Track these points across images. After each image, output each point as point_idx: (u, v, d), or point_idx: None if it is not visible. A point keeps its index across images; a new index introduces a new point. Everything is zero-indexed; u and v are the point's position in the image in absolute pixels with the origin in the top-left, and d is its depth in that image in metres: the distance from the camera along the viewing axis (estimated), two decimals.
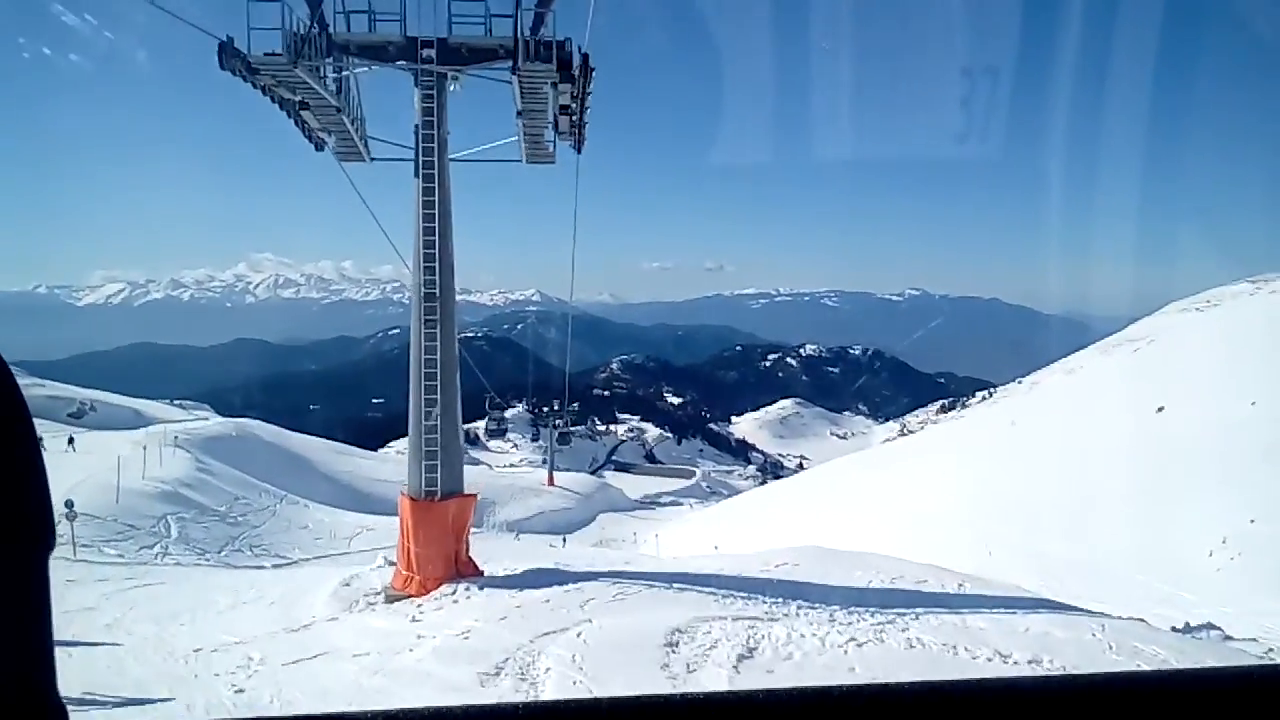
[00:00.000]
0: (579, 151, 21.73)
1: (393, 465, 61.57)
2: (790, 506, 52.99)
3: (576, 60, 18.21)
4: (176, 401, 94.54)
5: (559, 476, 69.13)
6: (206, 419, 69.25)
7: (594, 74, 18.56)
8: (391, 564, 20.06)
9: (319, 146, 22.68)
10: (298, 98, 19.25)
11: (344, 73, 20.46)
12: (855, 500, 45.89)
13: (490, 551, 34.95)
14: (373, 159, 23.26)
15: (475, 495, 21.51)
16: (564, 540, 44.42)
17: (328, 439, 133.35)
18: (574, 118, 19.75)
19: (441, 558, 18.62)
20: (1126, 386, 41.85)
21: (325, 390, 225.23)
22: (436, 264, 19.90)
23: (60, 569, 22.50)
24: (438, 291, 20.06)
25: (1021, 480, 34.08)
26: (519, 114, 19.95)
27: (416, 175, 19.70)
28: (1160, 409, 31.16)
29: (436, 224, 19.81)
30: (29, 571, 1.18)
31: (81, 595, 19.04)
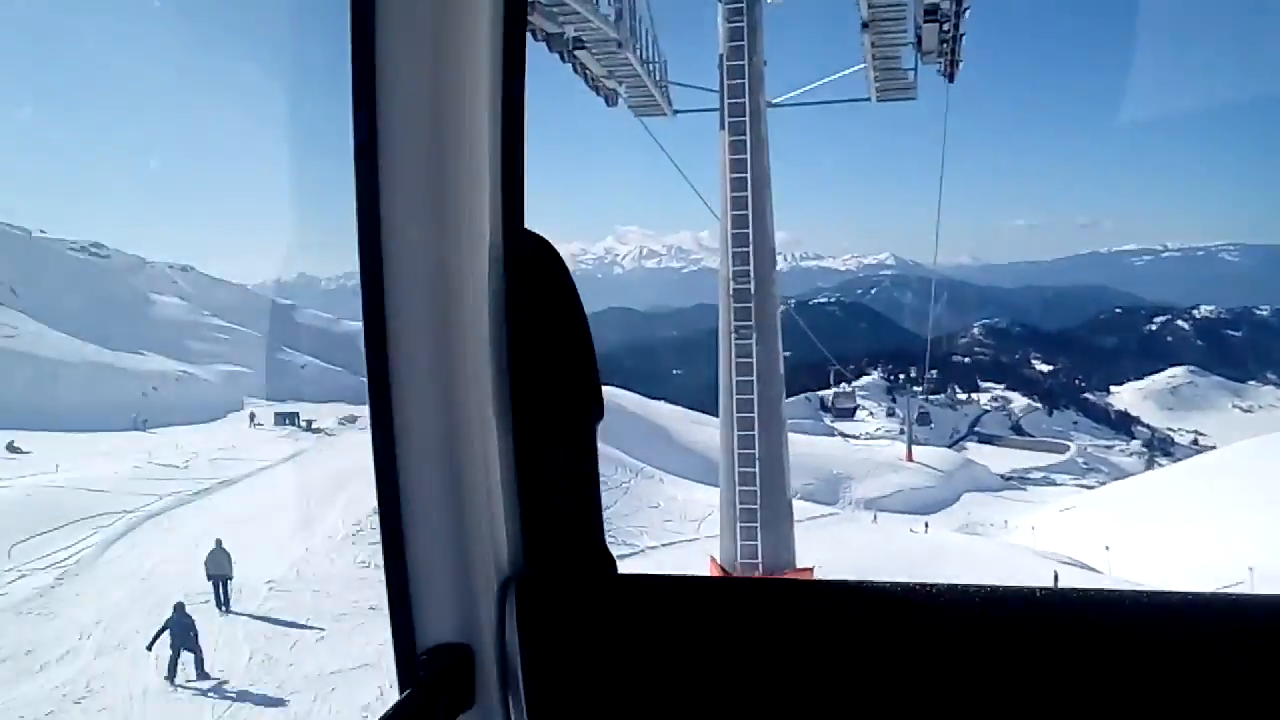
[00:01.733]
0: (951, 79, 15.35)
1: None
2: (1196, 500, 46.95)
3: None
4: None
5: (918, 451, 67.39)
6: None
7: None
8: None
9: (610, 100, 18.57)
10: (569, 33, 15.10)
11: None
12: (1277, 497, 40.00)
13: (845, 537, 34.94)
14: (675, 111, 19.24)
15: (811, 569, 16.77)
16: (926, 526, 43.08)
17: (686, 406, 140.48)
18: (946, 28, 13.50)
19: None
20: None
21: (686, 355, 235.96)
22: (750, 248, 15.77)
23: None
24: (751, 286, 15.91)
25: None
26: (864, 27, 13.79)
27: (722, 126, 15.27)
28: None
29: (750, 192, 15.40)
30: (589, 440, 1.49)
31: None
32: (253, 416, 76.75)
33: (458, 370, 1.33)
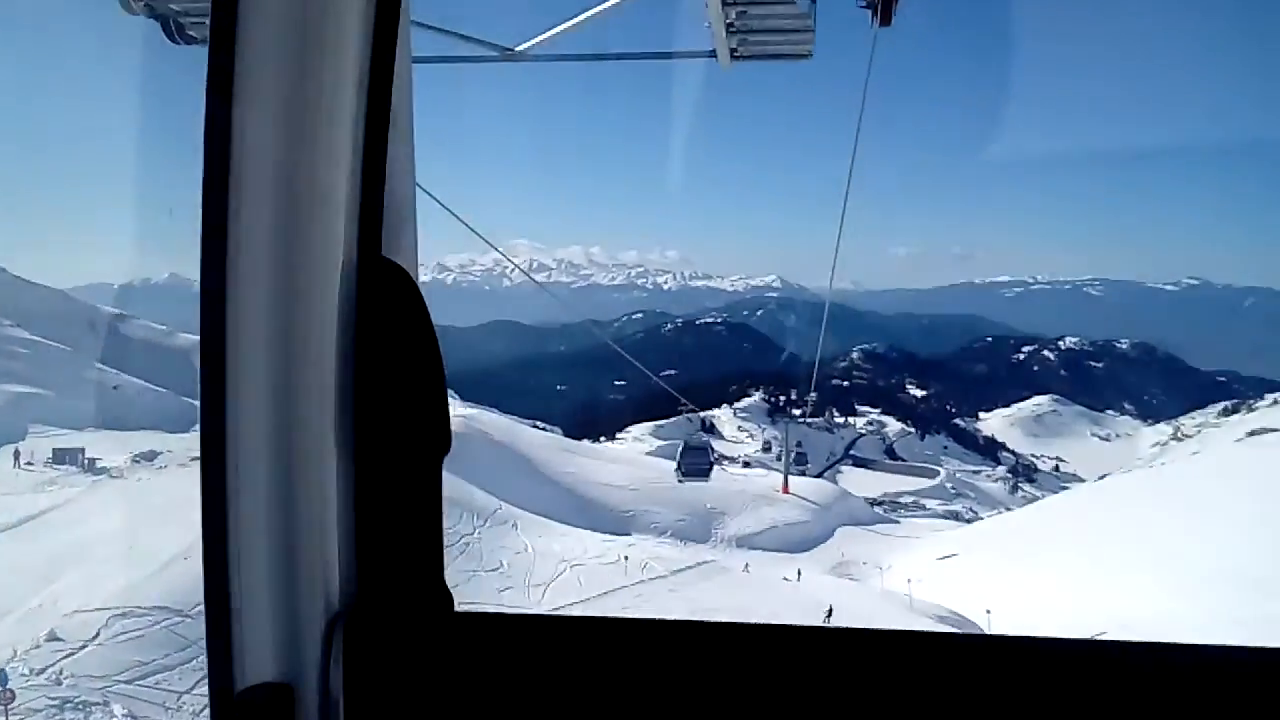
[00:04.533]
0: (886, 19, 9.12)
1: (622, 467, 60.89)
2: (1065, 545, 47.43)
3: None
4: None
5: (794, 482, 66.92)
6: None
7: None
8: None
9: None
10: None
11: None
12: (1146, 540, 40.54)
13: (711, 601, 32.54)
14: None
15: None
16: (799, 574, 42.16)
17: (564, 428, 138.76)
18: None
19: None
20: None
21: (573, 371, 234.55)
22: None
23: None
24: None
25: None
26: None
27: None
28: None
29: None
30: (434, 473, 1.44)
31: None
32: (17, 454, 61.13)
33: (298, 398, 1.30)
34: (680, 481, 31.04)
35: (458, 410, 64.29)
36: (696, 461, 30.97)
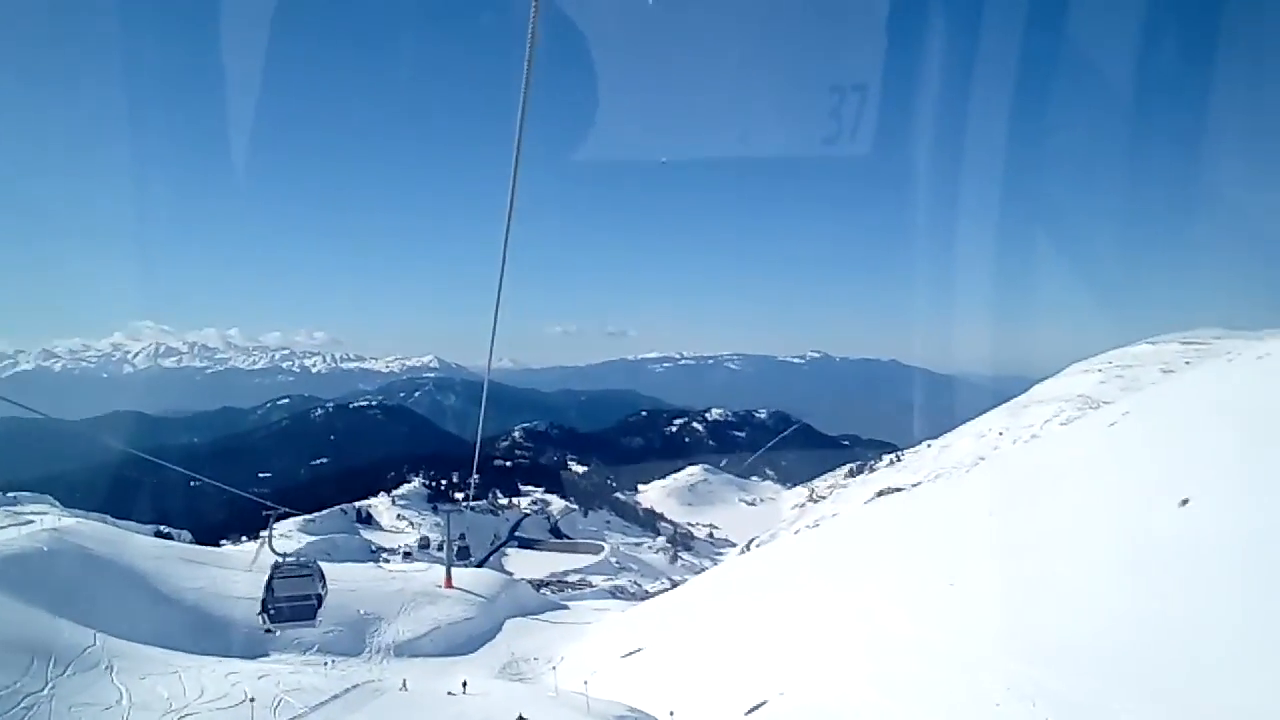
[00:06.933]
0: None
1: (261, 574, 52.03)
2: (727, 615, 45.86)
3: None
4: (9, 494, 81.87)
5: (458, 575, 60.81)
6: (31, 520, 54.29)
7: None
8: None
9: None
10: None
11: None
12: (803, 608, 39.31)
13: None
14: None
15: None
16: (464, 685, 35.88)
17: (196, 531, 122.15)
18: None
19: None
20: (1102, 464, 36.78)
21: (207, 466, 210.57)
22: None
23: None
24: None
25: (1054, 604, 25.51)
26: None
27: None
28: (1185, 501, 25.75)
29: None
30: None
31: None
32: None
33: None
34: (267, 631, 21.59)
35: (47, 523, 51.31)
36: (292, 599, 20.43)
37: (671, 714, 30.36)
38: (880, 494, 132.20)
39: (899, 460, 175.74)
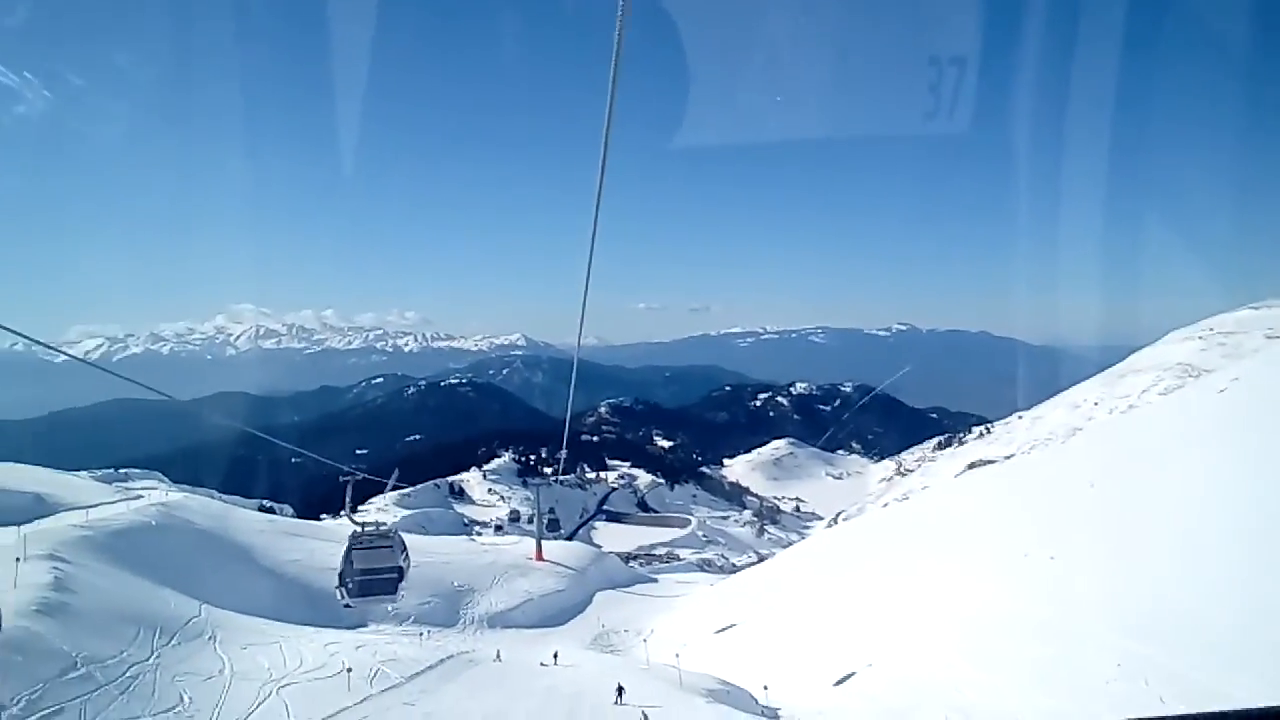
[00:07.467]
0: None
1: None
2: (815, 590, 46.39)
3: None
4: (121, 471, 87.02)
5: (548, 547, 62.54)
6: (140, 496, 57.51)
7: None
8: None
9: None
10: None
11: None
12: (891, 581, 39.59)
13: (452, 714, 26.98)
14: None
15: None
16: (555, 656, 37.30)
17: (297, 505, 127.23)
18: None
19: None
20: (1210, 433, 35.67)
21: (307, 443, 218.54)
22: None
23: None
24: None
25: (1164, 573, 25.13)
26: None
27: None
28: None
29: None
30: None
31: None
32: None
33: None
34: (346, 606, 19.57)
35: (155, 499, 54.68)
36: (372, 571, 18.94)
37: (765, 688, 31.27)
38: (971, 466, 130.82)
39: (989, 432, 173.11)
